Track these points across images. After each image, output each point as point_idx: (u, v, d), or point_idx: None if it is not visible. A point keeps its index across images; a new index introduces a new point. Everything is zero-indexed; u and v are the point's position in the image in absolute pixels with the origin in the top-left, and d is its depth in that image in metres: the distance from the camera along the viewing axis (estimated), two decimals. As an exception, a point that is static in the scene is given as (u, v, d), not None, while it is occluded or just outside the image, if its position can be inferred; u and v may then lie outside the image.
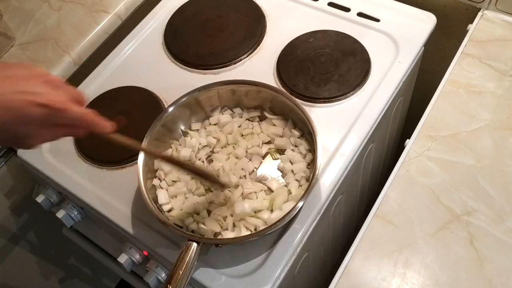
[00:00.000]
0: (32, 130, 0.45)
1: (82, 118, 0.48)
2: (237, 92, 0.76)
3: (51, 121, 0.45)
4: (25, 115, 0.43)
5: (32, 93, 0.43)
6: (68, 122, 0.47)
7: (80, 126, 0.49)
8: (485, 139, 0.73)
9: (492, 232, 0.65)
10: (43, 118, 0.44)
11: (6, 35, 0.96)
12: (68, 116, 0.46)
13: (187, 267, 0.58)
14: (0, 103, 0.42)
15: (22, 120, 0.43)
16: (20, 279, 1.07)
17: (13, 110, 0.42)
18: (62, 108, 0.45)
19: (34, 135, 0.45)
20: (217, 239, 0.65)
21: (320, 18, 0.90)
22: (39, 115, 0.44)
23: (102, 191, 0.75)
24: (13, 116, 0.43)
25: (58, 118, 0.45)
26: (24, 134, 0.45)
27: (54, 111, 0.44)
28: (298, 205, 0.61)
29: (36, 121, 0.44)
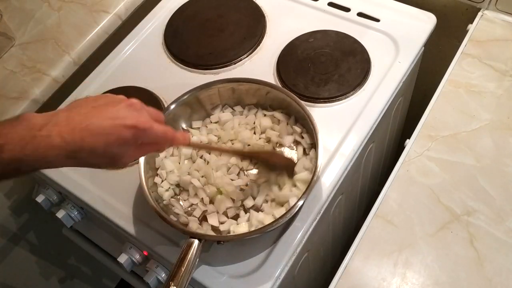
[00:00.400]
0: (125, 150, 0.50)
1: (164, 135, 0.53)
2: (237, 90, 0.76)
3: (139, 140, 0.50)
4: (118, 138, 0.48)
5: (120, 118, 0.48)
6: (153, 140, 0.52)
7: (163, 142, 0.55)
8: (485, 139, 0.73)
9: (492, 232, 0.65)
10: (133, 138, 0.49)
11: (6, 35, 0.96)
12: (153, 134, 0.51)
13: (189, 265, 0.58)
14: (95, 130, 0.46)
15: (116, 143, 0.48)
16: (20, 279, 1.07)
17: (107, 135, 0.47)
18: (148, 127, 0.50)
19: (127, 154, 0.50)
20: (219, 236, 0.65)
21: (320, 18, 0.90)
22: (129, 136, 0.49)
23: (102, 191, 0.75)
24: (108, 141, 0.47)
25: (145, 137, 0.50)
26: (119, 155, 0.49)
27: (141, 131, 0.49)
28: (298, 203, 0.61)
29: (127, 141, 0.49)
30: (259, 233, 0.61)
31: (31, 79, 0.91)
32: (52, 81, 0.92)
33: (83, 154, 0.47)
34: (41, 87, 0.90)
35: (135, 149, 0.51)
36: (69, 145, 0.45)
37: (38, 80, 0.91)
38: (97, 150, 0.47)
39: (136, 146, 0.51)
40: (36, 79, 0.91)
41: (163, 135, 0.53)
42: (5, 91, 0.90)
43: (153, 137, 0.52)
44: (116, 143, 0.48)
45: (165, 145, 0.57)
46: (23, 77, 0.92)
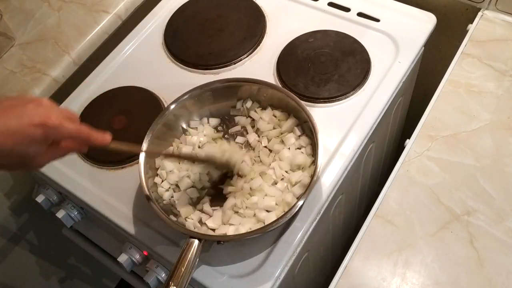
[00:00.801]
0: (36, 150, 0.48)
1: (77, 132, 0.52)
2: (237, 91, 0.76)
3: (50, 138, 0.49)
4: (25, 136, 0.47)
5: (27, 116, 0.47)
6: (66, 137, 0.51)
7: (78, 140, 0.53)
8: (485, 139, 0.73)
9: (492, 232, 0.65)
10: (43, 136, 0.48)
11: (6, 35, 0.96)
12: (64, 132, 0.50)
13: (189, 265, 0.58)
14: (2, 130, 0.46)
15: (24, 142, 0.47)
16: (20, 279, 1.07)
17: (15, 135, 0.46)
18: (57, 124, 0.49)
19: (38, 154, 0.49)
20: (219, 236, 0.65)
21: (320, 18, 0.90)
22: (38, 134, 0.47)
23: (102, 191, 0.75)
24: (16, 140, 0.46)
25: (56, 135, 0.49)
26: (30, 155, 0.48)
27: (50, 128, 0.48)
28: (298, 203, 0.61)
29: (36, 140, 0.48)
30: (259, 233, 0.61)
31: (31, 79, 0.91)
32: (52, 81, 0.92)
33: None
34: (41, 87, 0.90)
35: (49, 149, 0.50)
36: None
37: (38, 80, 0.91)
38: (4, 150, 0.46)
39: (49, 147, 0.50)
40: (36, 79, 0.91)
41: (76, 132, 0.51)
42: (5, 91, 0.90)
43: (65, 134, 0.50)
44: (25, 142, 0.47)
45: (81, 144, 0.54)
46: (23, 77, 0.92)
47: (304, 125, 0.72)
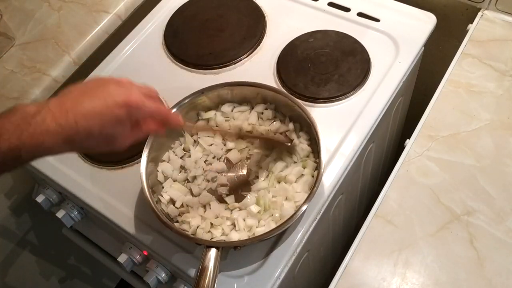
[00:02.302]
0: (120, 130, 0.49)
1: (158, 110, 0.53)
2: (238, 94, 0.75)
3: (133, 117, 0.50)
4: (111, 117, 0.48)
5: (110, 96, 0.48)
6: (148, 115, 0.52)
7: (158, 119, 0.54)
8: (485, 139, 0.73)
9: (492, 232, 0.65)
10: (127, 116, 0.49)
11: (6, 35, 0.96)
12: (146, 110, 0.51)
13: (211, 275, 0.57)
14: (88, 112, 0.47)
15: (110, 123, 0.48)
16: (20, 279, 1.07)
17: (101, 116, 0.47)
18: (140, 103, 0.50)
19: (122, 134, 0.50)
20: (235, 242, 0.64)
21: (320, 18, 0.90)
22: (122, 113, 0.48)
23: (102, 191, 0.75)
24: (102, 120, 0.47)
25: (138, 113, 0.50)
26: (114, 135, 0.49)
27: (133, 107, 0.49)
28: (302, 208, 0.61)
29: (120, 119, 0.49)
30: (273, 234, 0.61)
31: (31, 79, 0.91)
32: (52, 81, 0.92)
33: (80, 137, 0.46)
34: (41, 87, 0.90)
35: (132, 128, 0.51)
36: (64, 129, 0.45)
37: (38, 80, 0.91)
38: (93, 132, 0.47)
39: (132, 125, 0.51)
40: (36, 79, 0.91)
41: (157, 110, 0.53)
42: (5, 91, 0.90)
43: (147, 113, 0.51)
44: (111, 123, 0.48)
45: (160, 124, 0.55)
46: (23, 77, 0.92)
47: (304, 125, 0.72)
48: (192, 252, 0.68)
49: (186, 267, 0.66)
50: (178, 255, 0.68)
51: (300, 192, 0.67)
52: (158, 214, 0.63)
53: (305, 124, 0.71)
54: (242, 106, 0.77)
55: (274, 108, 0.75)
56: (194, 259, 0.67)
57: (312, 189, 0.63)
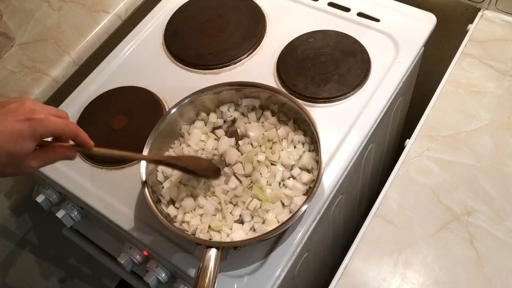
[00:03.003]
0: (25, 147, 0.47)
1: (64, 125, 0.50)
2: (240, 94, 0.75)
3: (37, 133, 0.47)
4: (12, 133, 0.46)
5: (12, 114, 0.46)
6: (54, 132, 0.50)
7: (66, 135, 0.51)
8: (485, 139, 0.73)
9: (492, 232, 0.65)
10: (29, 130, 0.47)
11: (6, 35, 0.96)
12: (50, 125, 0.48)
13: (211, 275, 0.57)
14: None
15: (12, 139, 0.46)
16: (20, 279, 1.07)
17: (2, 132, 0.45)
18: (44, 117, 0.48)
19: (27, 153, 0.48)
20: (235, 242, 0.64)
21: (320, 18, 0.90)
22: (24, 128, 0.46)
23: (102, 191, 0.75)
24: (5, 137, 0.45)
25: (43, 129, 0.48)
26: (18, 153, 0.47)
27: (37, 121, 0.47)
28: (302, 208, 0.61)
29: (23, 135, 0.46)
30: (273, 234, 0.61)
31: (31, 79, 0.91)
32: (52, 81, 0.92)
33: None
34: (41, 87, 0.90)
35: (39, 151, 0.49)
36: None
37: (38, 80, 0.91)
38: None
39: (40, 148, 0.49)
40: (36, 79, 0.91)
41: (64, 126, 0.50)
42: (5, 91, 0.90)
43: (53, 128, 0.49)
44: (12, 140, 0.46)
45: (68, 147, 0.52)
46: (23, 77, 0.92)
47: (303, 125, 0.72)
48: (192, 252, 0.68)
49: (186, 267, 0.66)
50: (178, 255, 0.68)
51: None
52: (158, 214, 0.63)
53: (305, 124, 0.71)
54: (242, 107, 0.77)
55: (277, 109, 0.75)
56: (194, 259, 0.67)
57: (312, 188, 0.63)
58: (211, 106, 0.77)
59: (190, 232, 0.66)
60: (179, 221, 0.68)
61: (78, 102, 0.87)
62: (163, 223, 0.63)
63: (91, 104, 0.85)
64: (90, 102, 0.86)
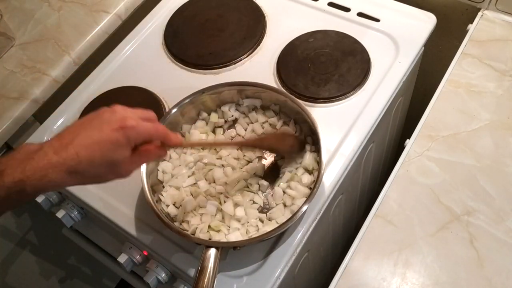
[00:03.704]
0: (121, 154, 0.50)
1: (155, 129, 0.53)
2: (241, 94, 0.75)
3: (131, 140, 0.50)
4: (110, 142, 0.49)
5: (105, 124, 0.49)
6: (146, 137, 0.52)
7: (157, 139, 0.54)
8: (485, 139, 0.73)
9: (492, 232, 0.65)
10: (123, 139, 0.50)
11: (6, 35, 0.96)
12: (142, 130, 0.51)
13: (210, 275, 0.57)
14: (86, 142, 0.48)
15: (110, 149, 0.49)
16: (20, 279, 1.07)
17: (99, 144, 0.48)
18: (135, 124, 0.50)
19: (124, 159, 0.51)
20: (235, 242, 0.64)
21: (320, 18, 0.90)
22: (120, 137, 0.49)
23: (102, 191, 0.75)
24: (101, 147, 0.48)
25: (136, 134, 0.51)
26: (116, 160, 0.50)
27: (129, 129, 0.50)
28: (302, 208, 0.61)
29: (119, 143, 0.49)
30: (273, 234, 0.61)
31: (31, 79, 0.91)
32: (52, 81, 0.92)
33: (83, 167, 0.48)
34: (41, 87, 0.90)
35: (133, 154, 0.52)
36: (66, 160, 0.47)
37: (38, 80, 0.91)
38: (94, 160, 0.48)
39: (133, 152, 0.52)
40: (36, 79, 0.91)
41: (154, 130, 0.53)
42: (5, 91, 0.90)
43: (145, 133, 0.52)
44: (110, 149, 0.49)
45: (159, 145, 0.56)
46: (23, 77, 0.92)
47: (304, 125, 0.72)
48: (192, 252, 0.68)
49: (186, 267, 0.66)
50: (178, 255, 0.68)
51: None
52: (158, 214, 0.63)
53: (305, 124, 0.71)
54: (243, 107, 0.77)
55: (279, 109, 0.75)
56: (194, 259, 0.67)
57: (312, 189, 0.63)
58: (212, 106, 0.77)
59: (190, 232, 0.66)
60: (179, 220, 0.68)
61: (78, 102, 0.87)
62: (163, 223, 0.63)
63: (91, 104, 0.85)
64: (90, 102, 0.86)
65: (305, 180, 0.68)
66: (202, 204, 0.69)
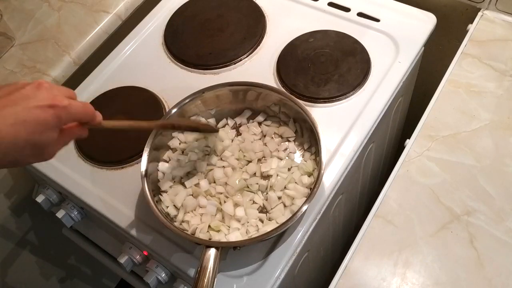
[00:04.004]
0: (49, 136, 0.45)
1: (85, 109, 0.48)
2: (241, 94, 0.75)
3: (62, 121, 0.45)
4: (38, 122, 0.43)
5: (33, 99, 0.43)
6: (76, 117, 0.47)
7: (85, 118, 0.49)
8: (485, 139, 0.73)
9: (492, 232, 0.65)
10: (55, 119, 0.44)
11: (6, 35, 0.96)
12: (74, 110, 0.46)
13: (210, 275, 0.57)
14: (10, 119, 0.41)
15: (38, 129, 0.43)
16: (20, 279, 1.07)
17: (26, 123, 0.42)
18: (67, 104, 0.45)
19: (52, 141, 0.45)
20: (235, 242, 0.64)
21: (320, 18, 0.90)
22: (49, 117, 0.44)
23: (102, 191, 0.75)
24: (29, 128, 0.42)
25: (67, 115, 0.45)
26: (43, 143, 0.44)
27: (61, 108, 0.44)
28: (302, 208, 0.61)
29: (50, 124, 0.44)
30: (274, 234, 0.61)
31: (31, 79, 0.91)
32: (52, 81, 0.92)
33: (3, 149, 0.41)
34: (41, 87, 0.90)
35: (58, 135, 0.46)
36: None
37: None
38: (18, 142, 0.42)
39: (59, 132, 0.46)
40: (36, 79, 0.91)
41: (84, 110, 0.48)
42: (5, 91, 0.90)
43: (75, 114, 0.46)
44: (38, 130, 0.43)
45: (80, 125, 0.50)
46: (23, 77, 0.92)
47: (304, 125, 0.72)
48: (192, 252, 0.68)
49: (186, 267, 0.66)
50: (178, 255, 0.68)
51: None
52: (158, 214, 0.63)
53: (306, 124, 0.71)
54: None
55: (279, 109, 0.75)
56: (194, 259, 0.67)
57: (312, 189, 0.63)
58: (212, 106, 0.77)
59: (190, 232, 0.66)
60: (179, 220, 0.68)
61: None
62: (163, 223, 0.63)
63: (91, 104, 0.85)
64: (90, 102, 0.86)
65: (304, 180, 0.68)
66: (202, 204, 0.69)
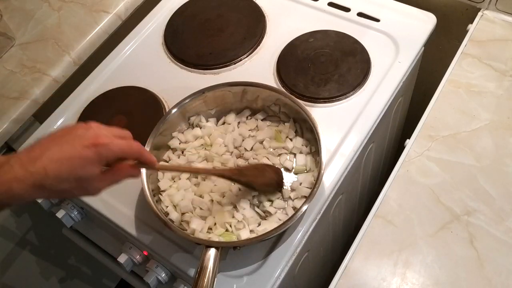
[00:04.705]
0: (91, 171, 0.49)
1: (128, 146, 0.52)
2: (241, 93, 0.75)
3: (103, 157, 0.49)
4: (80, 159, 0.48)
5: (77, 139, 0.48)
6: (119, 155, 0.51)
7: (130, 156, 0.53)
8: (485, 139, 0.73)
9: (492, 232, 0.65)
10: (96, 156, 0.48)
11: (6, 35, 0.96)
12: (114, 148, 0.50)
13: (210, 275, 0.57)
14: (56, 157, 0.47)
15: (80, 165, 0.48)
16: (20, 279, 1.07)
17: (69, 159, 0.47)
18: (108, 141, 0.49)
19: (94, 177, 0.50)
20: (235, 242, 0.64)
21: (320, 18, 0.90)
22: (91, 154, 0.48)
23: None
24: (71, 165, 0.47)
25: (108, 152, 0.49)
26: (85, 177, 0.49)
27: (101, 146, 0.49)
28: (302, 208, 0.61)
29: (90, 160, 0.48)
30: (273, 234, 0.61)
31: (31, 79, 0.91)
32: (52, 81, 0.92)
33: (50, 182, 0.47)
34: (41, 87, 0.90)
35: (105, 172, 0.51)
36: (33, 175, 0.46)
37: (38, 80, 0.91)
38: (62, 175, 0.47)
39: (106, 170, 0.51)
40: (36, 79, 0.91)
41: (128, 148, 0.52)
42: (5, 91, 0.90)
43: (117, 151, 0.50)
44: (80, 165, 0.48)
45: (134, 165, 0.55)
46: (23, 77, 0.92)
47: (304, 125, 0.72)
48: (192, 252, 0.68)
49: (186, 267, 0.66)
50: (178, 255, 0.68)
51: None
52: (158, 214, 0.63)
53: (306, 124, 0.71)
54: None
55: (279, 109, 0.75)
56: (194, 259, 0.67)
57: (312, 189, 0.63)
58: (212, 106, 0.77)
59: (189, 232, 0.66)
60: (179, 220, 0.68)
61: (78, 102, 0.87)
62: (163, 223, 0.63)
63: (91, 104, 0.85)
64: (90, 102, 0.86)
65: (304, 180, 0.68)
66: (202, 205, 0.69)
